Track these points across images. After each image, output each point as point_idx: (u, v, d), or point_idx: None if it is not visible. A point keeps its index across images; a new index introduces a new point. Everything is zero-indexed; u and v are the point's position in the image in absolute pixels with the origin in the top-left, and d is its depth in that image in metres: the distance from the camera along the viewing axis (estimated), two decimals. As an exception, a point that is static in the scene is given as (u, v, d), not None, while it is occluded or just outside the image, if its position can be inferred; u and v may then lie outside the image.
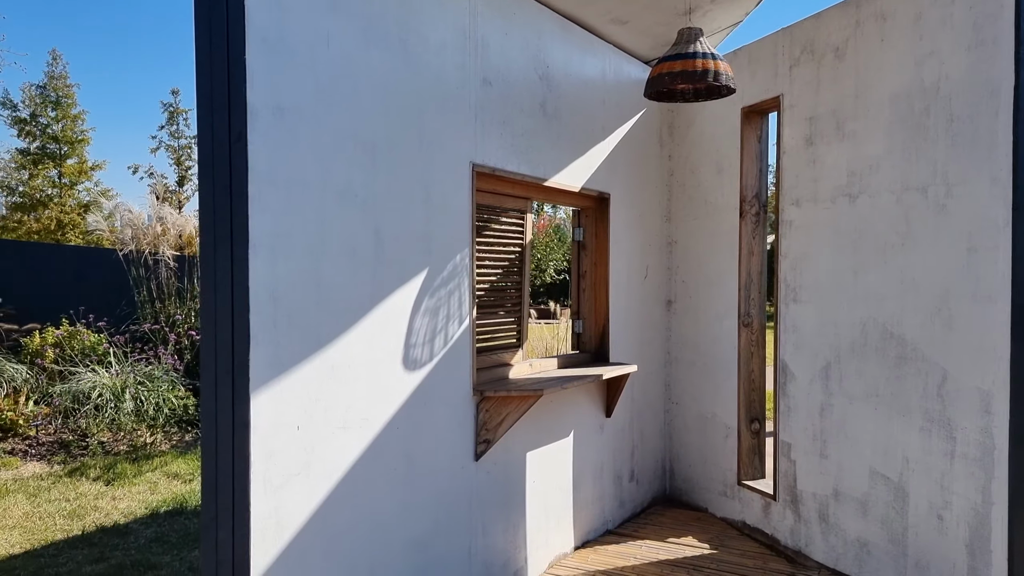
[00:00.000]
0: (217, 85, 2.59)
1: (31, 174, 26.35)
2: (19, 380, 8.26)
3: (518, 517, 4.15)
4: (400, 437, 3.34)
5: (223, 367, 2.71)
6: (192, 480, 6.44)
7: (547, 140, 4.29)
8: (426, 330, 3.49)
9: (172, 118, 32.51)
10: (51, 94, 26.47)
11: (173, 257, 9.91)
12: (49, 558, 4.74)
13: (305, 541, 2.88)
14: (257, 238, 2.67)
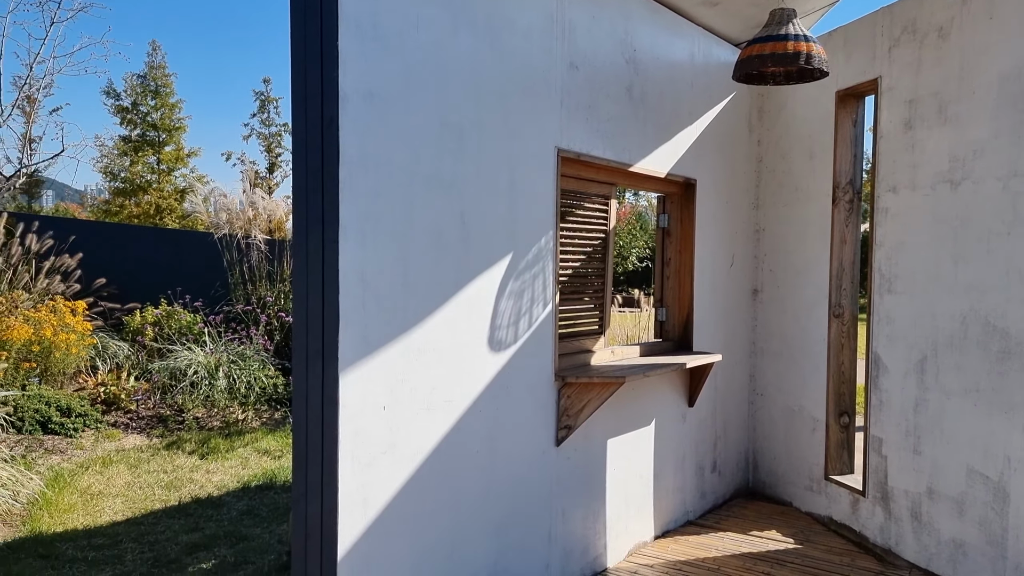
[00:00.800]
0: (311, 72, 2.65)
1: (132, 161, 27.57)
2: (121, 357, 8.71)
3: (598, 504, 4.14)
4: (482, 420, 3.38)
5: (314, 347, 2.78)
6: (281, 456, 6.66)
7: (633, 125, 4.23)
8: (509, 315, 3.50)
9: (263, 106, 33.49)
10: (151, 83, 27.61)
11: (264, 240, 10.24)
12: (149, 526, 4.99)
13: (389, 519, 2.94)
14: (347, 221, 2.72)
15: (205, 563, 4.37)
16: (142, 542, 4.69)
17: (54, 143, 49.40)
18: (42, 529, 4.83)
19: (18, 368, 7.22)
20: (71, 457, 6.34)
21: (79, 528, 4.91)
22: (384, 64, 2.82)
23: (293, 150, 2.73)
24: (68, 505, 5.27)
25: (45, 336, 7.56)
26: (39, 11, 9.10)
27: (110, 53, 16.62)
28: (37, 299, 8.64)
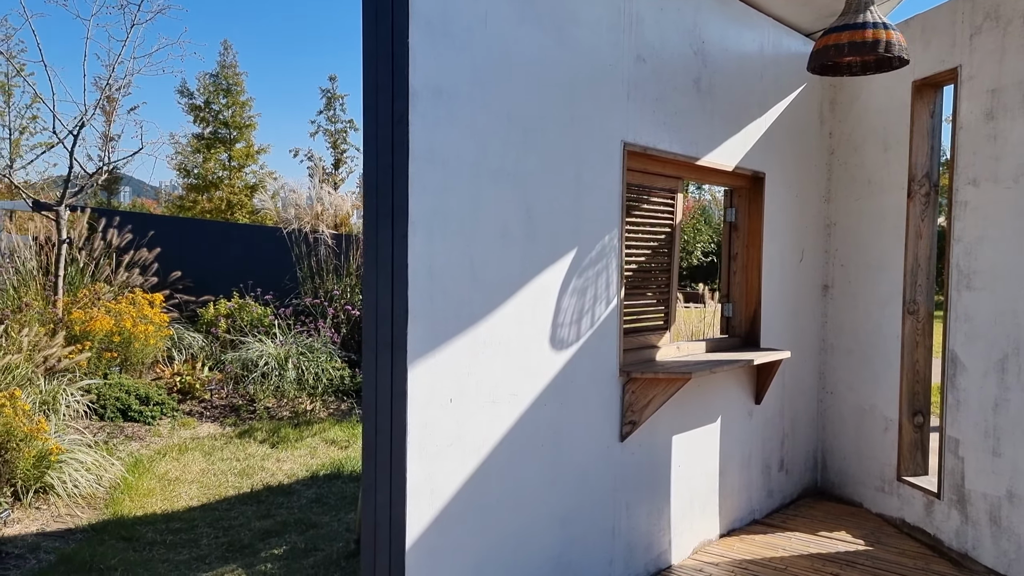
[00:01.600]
0: (382, 69, 2.70)
1: (204, 157, 28.40)
2: (196, 347, 9.01)
3: (662, 500, 4.12)
4: (547, 414, 3.39)
5: (383, 339, 2.84)
6: (348, 447, 6.80)
7: (700, 117, 4.18)
8: (574, 309, 3.50)
9: (329, 103, 34.11)
10: (222, 82, 28.38)
11: (331, 235, 10.44)
12: (223, 511, 5.16)
13: (456, 510, 2.98)
14: (416, 216, 2.76)
15: (276, 549, 4.50)
16: (216, 527, 4.85)
17: (133, 141, 51.10)
18: (123, 512, 5.04)
19: (100, 358, 7.53)
20: (149, 444, 6.59)
21: (158, 512, 5.10)
22: (453, 60, 2.85)
23: (364, 146, 2.79)
24: (147, 490, 5.48)
25: (125, 327, 7.87)
26: (120, 14, 9.49)
27: (186, 53, 17.32)
28: (117, 291, 8.99)
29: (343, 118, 34.61)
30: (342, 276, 10.29)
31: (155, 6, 9.02)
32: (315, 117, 34.42)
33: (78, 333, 7.51)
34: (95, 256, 9.37)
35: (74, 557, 4.26)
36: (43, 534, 4.60)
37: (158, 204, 35.65)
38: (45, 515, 4.86)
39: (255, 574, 4.16)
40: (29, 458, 4.85)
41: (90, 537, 4.60)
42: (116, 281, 9.28)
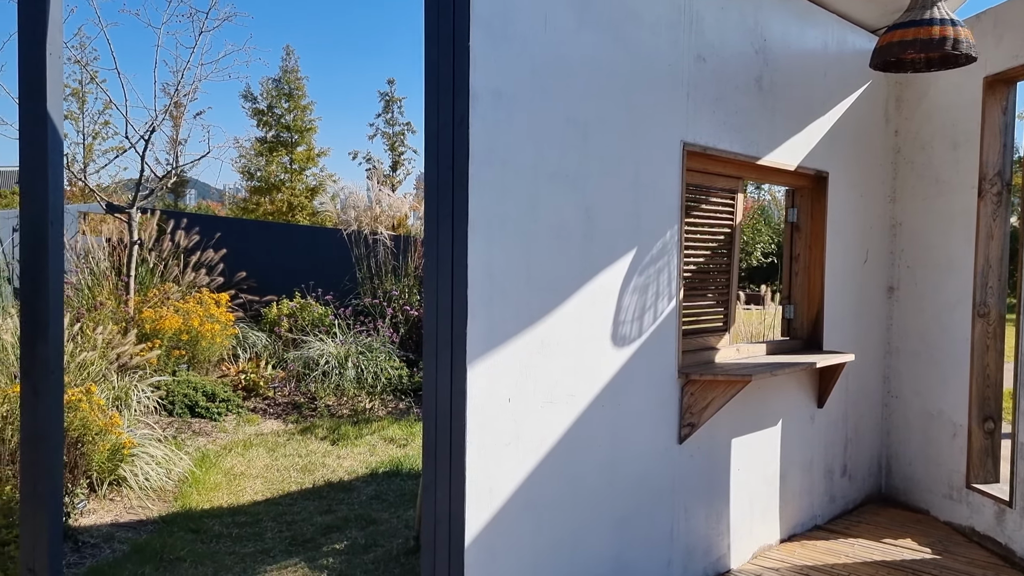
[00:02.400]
0: (443, 72, 2.74)
1: (267, 160, 29.06)
2: (260, 346, 9.24)
3: (721, 504, 4.07)
4: (605, 415, 3.39)
5: (443, 339, 2.88)
6: (406, 445, 6.89)
7: (762, 117, 4.13)
8: (633, 310, 3.50)
9: (388, 106, 34.56)
10: (284, 87, 29.01)
11: (390, 236, 10.59)
12: (286, 506, 5.29)
13: (514, 509, 3.01)
14: (475, 218, 2.80)
15: (338, 544, 4.59)
16: (280, 521, 4.97)
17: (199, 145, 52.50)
18: (191, 505, 5.20)
19: (169, 355, 7.79)
20: (216, 439, 6.79)
21: (224, 506, 5.25)
22: (513, 63, 2.88)
23: (425, 149, 2.83)
24: (214, 484, 5.65)
25: (193, 326, 8.12)
26: (189, 22, 9.82)
27: (251, 59, 17.84)
28: (185, 291, 9.28)
29: (400, 121, 35.01)
30: (400, 277, 10.43)
31: (222, 14, 9.25)
32: (373, 120, 34.94)
33: (148, 331, 7.78)
34: (164, 257, 9.69)
35: (145, 548, 4.42)
36: (116, 525, 4.79)
37: (222, 206, 36.60)
38: (118, 506, 5.05)
39: (318, 568, 4.26)
40: (103, 451, 5.05)
41: (160, 528, 4.77)
42: (184, 281, 9.57)
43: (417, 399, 8.36)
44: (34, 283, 2.69)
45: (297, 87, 29.60)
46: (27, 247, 2.67)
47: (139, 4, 18.46)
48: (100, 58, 10.38)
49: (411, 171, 36.19)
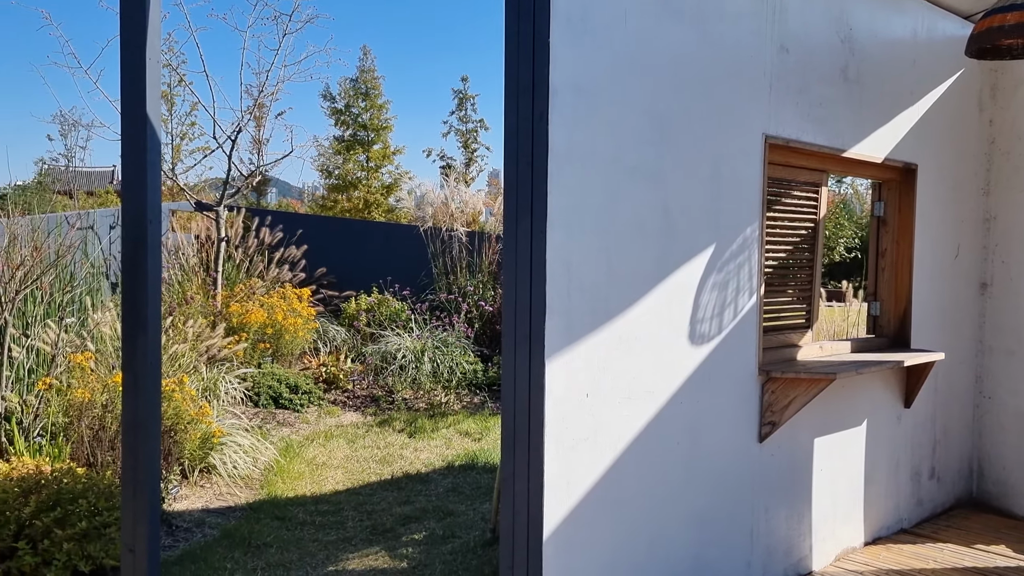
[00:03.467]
0: (523, 68, 2.76)
1: (344, 159, 29.70)
2: (339, 340, 9.47)
3: (803, 504, 3.99)
4: (683, 412, 3.36)
5: (522, 333, 2.90)
6: (480, 439, 6.96)
7: (847, 108, 4.02)
8: (712, 306, 3.46)
9: (461, 104, 34.85)
10: (361, 86, 29.59)
11: (465, 233, 10.70)
12: (366, 496, 5.42)
13: (592, 504, 3.01)
14: (554, 213, 2.81)
15: (416, 534, 4.68)
16: (361, 511, 5.10)
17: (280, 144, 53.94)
18: (276, 493, 5.38)
19: (255, 348, 8.06)
20: (298, 430, 7.00)
21: (307, 494, 5.42)
22: (592, 57, 2.88)
23: (504, 145, 2.86)
24: (297, 473, 5.83)
25: (277, 320, 8.38)
26: (274, 25, 10.15)
27: (332, 60, 18.27)
28: (269, 286, 9.58)
29: (474, 118, 35.24)
30: (475, 272, 10.53)
31: (304, 16, 9.50)
32: (447, 117, 35.28)
33: (235, 325, 8.07)
34: (250, 253, 10.02)
35: (234, 533, 4.60)
36: (207, 510, 4.99)
37: (302, 204, 37.52)
38: (208, 493, 5.26)
39: (398, 557, 4.35)
40: (195, 440, 5.27)
41: (248, 515, 4.95)
42: (268, 277, 9.89)
43: (491, 394, 8.43)
44: (134, 279, 2.82)
45: (374, 86, 30.14)
46: (128, 244, 2.80)
47: (226, 8, 19.09)
48: (188, 62, 10.90)
49: (484, 168, 36.42)
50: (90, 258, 7.12)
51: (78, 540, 3.66)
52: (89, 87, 27.37)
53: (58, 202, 19.91)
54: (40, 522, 3.63)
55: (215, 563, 4.17)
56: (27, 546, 3.58)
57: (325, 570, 4.17)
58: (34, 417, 4.94)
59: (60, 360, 5.21)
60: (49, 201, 16.02)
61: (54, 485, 3.85)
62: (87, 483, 3.95)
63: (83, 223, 7.35)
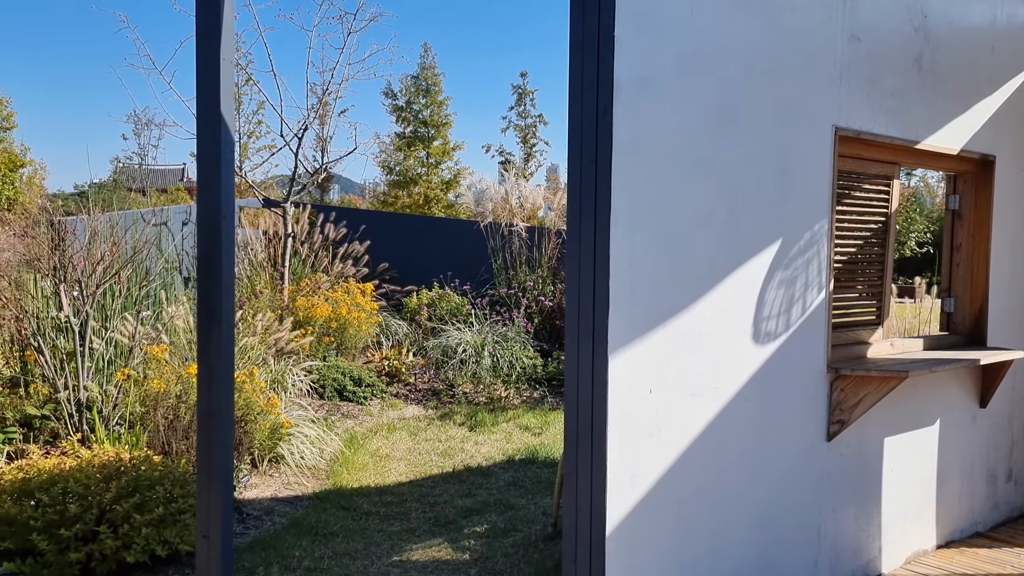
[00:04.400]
0: (588, 62, 2.76)
1: (405, 155, 30.06)
2: (401, 334, 9.61)
3: (872, 505, 3.90)
4: (749, 409, 3.32)
5: (584, 329, 2.90)
6: (540, 434, 6.98)
7: (920, 98, 3.90)
8: (779, 302, 3.40)
9: (520, 99, 34.87)
10: (422, 83, 29.89)
11: (524, 228, 10.73)
12: (428, 488, 5.49)
13: (655, 500, 3.00)
14: (618, 208, 2.80)
15: (478, 527, 4.72)
16: (423, 502, 5.17)
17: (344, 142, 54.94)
18: (342, 483, 5.50)
19: (320, 342, 8.23)
20: (362, 422, 7.13)
21: (371, 485, 5.52)
22: (658, 51, 2.86)
23: (568, 140, 2.86)
24: (361, 464, 5.94)
25: (341, 314, 8.54)
26: (339, 24, 10.33)
27: (394, 58, 18.55)
28: (333, 281, 9.77)
29: (532, 113, 35.23)
30: (534, 268, 10.55)
31: (368, 14, 9.63)
32: (506, 113, 35.35)
33: (301, 319, 8.25)
34: (315, 249, 10.23)
35: (302, 522, 4.71)
36: (275, 499, 5.13)
37: (363, 200, 38.09)
38: (277, 482, 5.40)
39: (460, 549, 4.40)
40: (264, 430, 5.42)
41: (315, 504, 5.07)
42: (332, 272, 10.08)
43: (551, 388, 8.44)
44: (209, 273, 2.92)
45: (434, 83, 30.39)
46: (203, 240, 2.90)
47: (293, 8, 19.48)
48: (255, 61, 11.19)
49: (542, 163, 36.39)
50: (164, 253, 7.37)
51: (155, 526, 3.80)
52: (163, 87, 28.28)
53: (132, 199, 20.64)
54: (120, 507, 3.79)
55: (284, 551, 4.28)
56: (108, 530, 3.73)
57: (390, 560, 4.25)
58: (113, 406, 5.15)
59: (137, 352, 5.41)
60: (124, 199, 16.63)
61: (133, 472, 4.01)
62: (163, 471, 4.10)
63: (158, 219, 7.61)
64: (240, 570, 4.03)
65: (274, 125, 44.53)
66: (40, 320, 5.39)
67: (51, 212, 5.35)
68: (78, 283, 5.06)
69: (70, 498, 3.76)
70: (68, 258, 5.06)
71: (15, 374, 5.57)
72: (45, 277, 5.41)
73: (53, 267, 5.07)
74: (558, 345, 9.35)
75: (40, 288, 5.58)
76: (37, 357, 5.19)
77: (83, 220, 6.24)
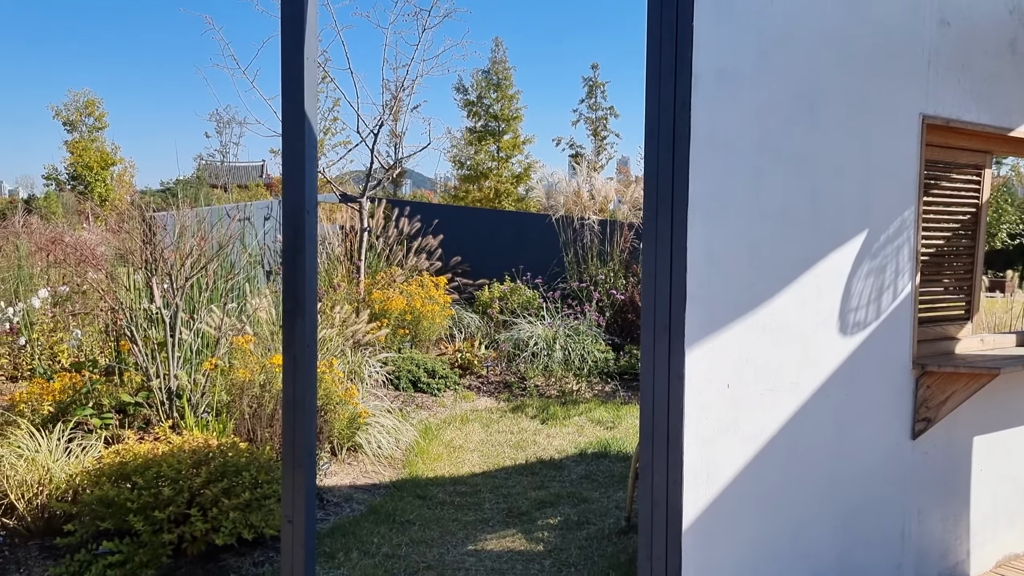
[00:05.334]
0: (665, 53, 2.74)
1: (476, 150, 30.25)
2: (473, 327, 9.70)
3: (960, 506, 3.77)
4: (830, 406, 3.24)
5: (660, 323, 2.88)
6: (613, 428, 6.96)
7: (1015, 83, 3.73)
8: (861, 296, 3.31)
9: (591, 91, 34.70)
10: (493, 77, 30.01)
11: (596, 221, 10.69)
12: (501, 479, 5.55)
13: (732, 496, 2.96)
14: (696, 200, 2.77)
15: (551, 519, 4.75)
16: (497, 493, 5.23)
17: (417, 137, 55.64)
18: (417, 473, 5.60)
19: (395, 334, 8.38)
20: (436, 413, 7.24)
21: (445, 475, 5.60)
22: (737, 40, 2.82)
23: (646, 131, 2.84)
24: (436, 455, 6.04)
25: (415, 307, 8.68)
26: (414, 20, 10.47)
27: (468, 53, 18.73)
28: (408, 274, 9.93)
29: (603, 106, 35.00)
30: (606, 261, 10.50)
31: (443, 11, 9.73)
32: (576, 106, 35.20)
33: (377, 311, 8.42)
34: (390, 243, 10.42)
35: (380, 509, 4.82)
36: (354, 487, 5.26)
37: (434, 194, 38.51)
38: (355, 470, 5.54)
39: (534, 540, 4.44)
40: (343, 419, 5.56)
41: (391, 493, 5.18)
42: (407, 265, 10.25)
43: (623, 382, 8.41)
44: (294, 266, 3.01)
45: (505, 77, 30.48)
46: (288, 233, 2.99)
47: (369, 6, 19.83)
48: (331, 59, 11.41)
49: (613, 155, 36.10)
50: (248, 248, 7.63)
51: (242, 510, 3.95)
52: (246, 87, 29.22)
53: (214, 195, 21.37)
54: (209, 492, 3.95)
55: (363, 537, 4.40)
56: (198, 513, 3.90)
57: (465, 548, 4.32)
58: (201, 395, 5.37)
59: (223, 342, 5.62)
60: (208, 195, 17.26)
61: (220, 458, 4.17)
62: (249, 457, 4.26)
63: (242, 215, 7.87)
64: (321, 554, 4.15)
65: (349, 122, 45.42)
66: (132, 311, 5.64)
67: (143, 208, 5.59)
68: (168, 276, 5.29)
69: (163, 482, 3.94)
70: (159, 252, 5.28)
71: (110, 363, 5.85)
72: (138, 270, 5.66)
73: (145, 261, 5.31)
74: (630, 339, 9.29)
75: (133, 281, 5.85)
76: (131, 347, 5.44)
77: (172, 216, 6.50)
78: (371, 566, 4.06)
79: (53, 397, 5.06)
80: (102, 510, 3.87)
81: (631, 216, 11.03)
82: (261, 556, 4.09)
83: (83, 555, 3.81)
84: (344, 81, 28.33)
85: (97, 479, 4.03)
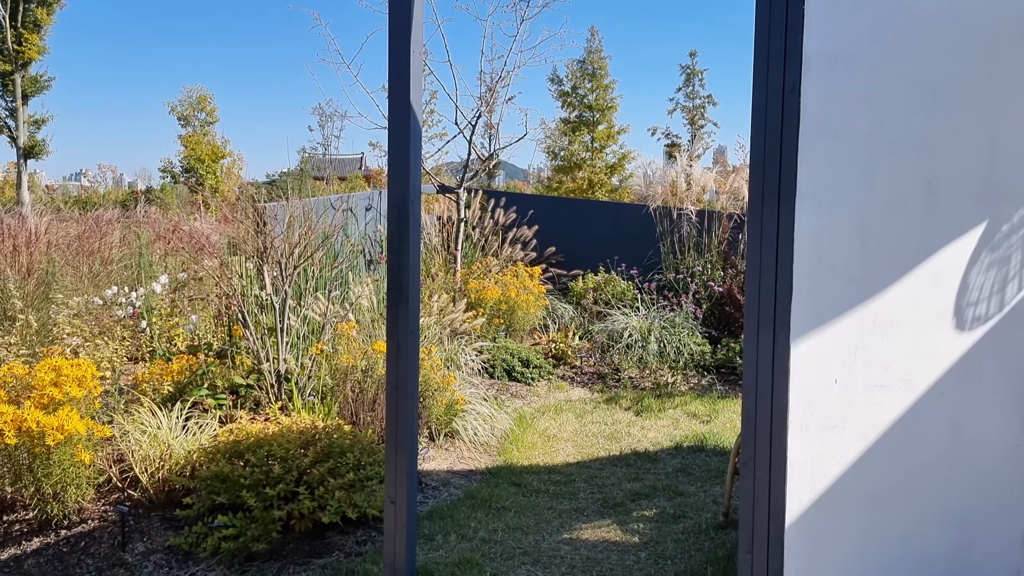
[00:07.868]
0: (774, 37, 2.67)
1: (570, 140, 30.16)
2: (567, 317, 9.71)
3: (1088, 514, 3.54)
4: (945, 403, 3.10)
5: (765, 316, 2.83)
6: (709, 422, 6.86)
7: None
8: (981, 289, 3.15)
9: (688, 79, 34.05)
10: (588, 67, 29.83)
11: (694, 212, 10.51)
12: (595, 470, 5.55)
13: (838, 494, 2.88)
14: (804, 189, 2.70)
15: (647, 511, 4.73)
16: (591, 483, 5.23)
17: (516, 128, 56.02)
18: (512, 461, 5.67)
19: (490, 323, 8.49)
20: (530, 402, 7.29)
21: (539, 464, 5.65)
22: (850, 23, 2.72)
23: (752, 119, 2.78)
24: (530, 443, 6.09)
25: (510, 297, 8.76)
26: (512, 11, 10.51)
27: (566, 43, 18.75)
28: (503, 264, 10.02)
29: (701, 94, 34.31)
30: (703, 252, 10.32)
31: (541, 1, 9.73)
32: (673, 94, 34.62)
33: (473, 301, 8.54)
34: (485, 233, 10.54)
35: (476, 495, 4.91)
36: (451, 472, 5.37)
37: (528, 185, 38.61)
38: (452, 456, 5.65)
39: (629, 532, 4.43)
40: (441, 406, 5.68)
41: (487, 479, 5.27)
42: (502, 255, 10.34)
43: (719, 376, 8.26)
44: (398, 255, 3.10)
45: (600, 67, 30.26)
46: (393, 222, 3.08)
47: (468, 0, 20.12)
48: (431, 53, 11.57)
49: (710, 145, 35.38)
50: (351, 238, 7.86)
51: (346, 490, 4.09)
52: (350, 81, 30.08)
53: (316, 187, 22.09)
54: (316, 471, 4.11)
55: (461, 521, 4.49)
56: (306, 491, 4.07)
57: (560, 537, 4.35)
58: (307, 378, 5.58)
59: (328, 329, 5.83)
60: (311, 187, 17.91)
61: (326, 439, 4.34)
62: (352, 439, 4.41)
63: (345, 206, 8.12)
64: (421, 536, 4.27)
65: (447, 113, 46.05)
66: (244, 298, 5.91)
67: (255, 199, 5.85)
68: (278, 264, 5.52)
69: (273, 460, 4.13)
70: (270, 241, 5.52)
71: (222, 346, 6.16)
72: (249, 258, 5.93)
73: (257, 249, 5.56)
74: (728, 332, 9.11)
75: (244, 268, 6.13)
76: (243, 331, 5.71)
77: (281, 206, 6.77)
78: (468, 549, 4.14)
79: (172, 377, 5.37)
80: (217, 485, 4.09)
81: (729, 206, 10.79)
82: (364, 535, 4.24)
83: (200, 527, 4.04)
84: (443, 74, 28.73)
85: (213, 456, 4.25)
